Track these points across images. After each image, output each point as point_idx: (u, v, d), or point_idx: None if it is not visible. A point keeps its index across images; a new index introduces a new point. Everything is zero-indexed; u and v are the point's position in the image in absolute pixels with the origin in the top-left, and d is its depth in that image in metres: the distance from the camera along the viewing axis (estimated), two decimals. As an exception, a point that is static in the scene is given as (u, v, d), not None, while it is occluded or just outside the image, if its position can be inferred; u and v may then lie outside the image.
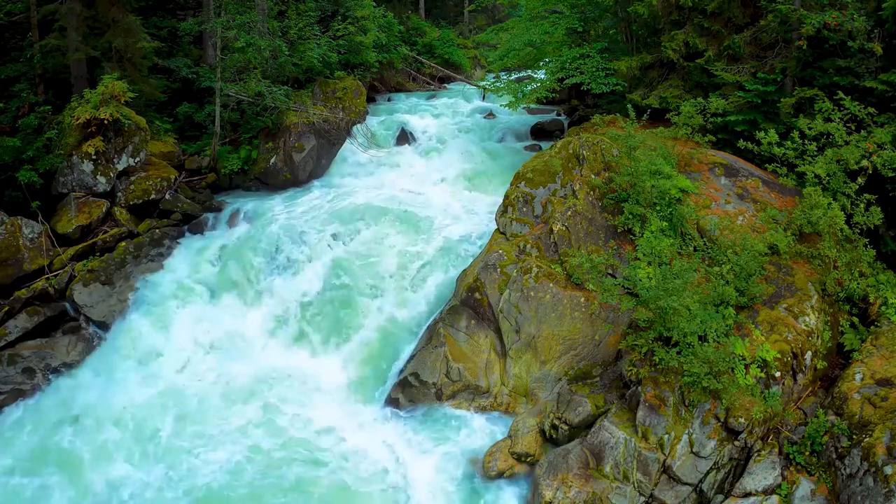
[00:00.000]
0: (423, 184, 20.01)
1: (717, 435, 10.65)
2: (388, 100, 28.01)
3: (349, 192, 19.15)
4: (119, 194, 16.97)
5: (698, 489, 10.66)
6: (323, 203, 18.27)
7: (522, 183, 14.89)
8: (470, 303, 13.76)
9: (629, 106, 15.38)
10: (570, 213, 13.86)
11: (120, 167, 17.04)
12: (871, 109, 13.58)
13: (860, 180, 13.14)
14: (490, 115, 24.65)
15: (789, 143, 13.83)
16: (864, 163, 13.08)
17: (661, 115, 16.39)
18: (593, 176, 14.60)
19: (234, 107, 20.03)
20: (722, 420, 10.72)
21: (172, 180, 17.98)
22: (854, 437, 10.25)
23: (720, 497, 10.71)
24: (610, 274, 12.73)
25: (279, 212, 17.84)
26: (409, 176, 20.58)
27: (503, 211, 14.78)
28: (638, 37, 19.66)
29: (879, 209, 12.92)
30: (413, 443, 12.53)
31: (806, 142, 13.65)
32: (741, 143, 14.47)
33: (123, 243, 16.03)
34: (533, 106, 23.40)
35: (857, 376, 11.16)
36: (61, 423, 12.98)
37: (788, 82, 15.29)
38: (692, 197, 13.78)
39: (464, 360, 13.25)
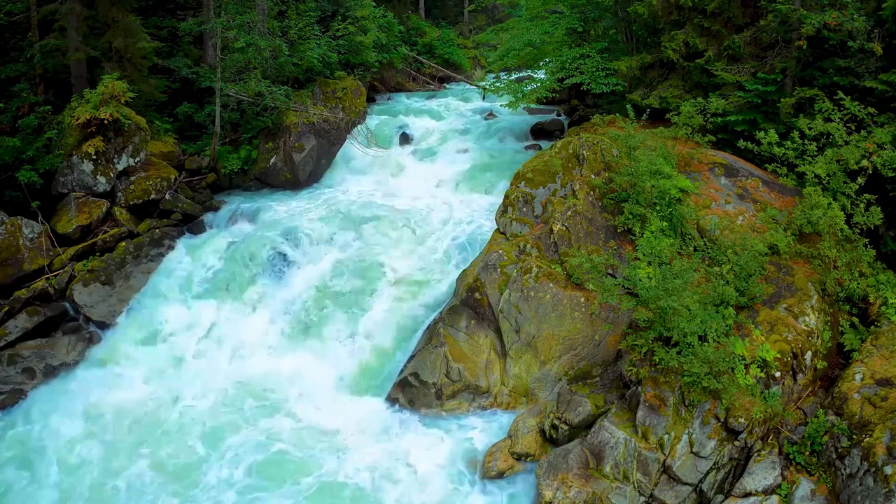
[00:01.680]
0: (423, 184, 20.00)
1: (717, 435, 10.65)
2: (388, 100, 28.02)
3: (349, 192, 19.16)
4: (119, 194, 16.98)
5: (698, 489, 10.66)
6: (323, 203, 18.27)
7: (522, 183, 14.89)
8: (470, 303, 13.76)
9: (629, 106, 15.38)
10: (570, 213, 13.87)
11: (120, 167, 17.05)
12: (871, 109, 13.58)
13: (860, 180, 13.14)
14: (490, 115, 24.65)
15: (789, 143, 13.83)
16: (864, 163, 13.08)
17: (661, 115, 16.38)
18: (593, 176, 14.60)
19: (234, 107, 20.03)
20: (722, 420, 10.72)
21: (172, 180, 17.98)
22: (854, 437, 10.25)
23: (720, 497, 10.70)
24: (610, 274, 12.73)
25: (279, 212, 17.84)
26: (408, 176, 20.58)
27: (503, 211, 14.78)
28: (638, 37, 19.66)
29: (879, 209, 12.91)
30: (412, 443, 12.52)
31: (806, 142, 13.65)
32: (741, 143, 14.47)
33: (123, 243, 16.03)
34: (533, 106, 23.38)
35: (857, 376, 11.16)
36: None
37: (788, 82, 15.29)
38: (692, 197, 13.78)
39: (464, 360, 13.25)
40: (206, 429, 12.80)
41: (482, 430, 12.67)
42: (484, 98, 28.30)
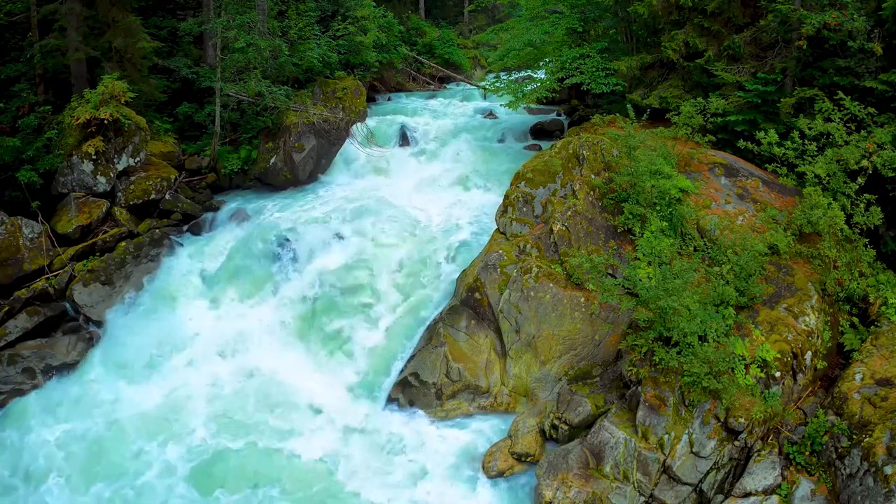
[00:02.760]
0: (423, 183, 19.99)
1: (717, 435, 10.66)
2: (388, 100, 28.01)
3: (349, 191, 19.16)
4: (119, 194, 16.98)
5: (698, 489, 10.66)
6: (323, 203, 18.27)
7: (522, 183, 14.90)
8: (470, 303, 13.76)
9: (629, 106, 15.37)
10: (570, 213, 13.87)
11: (120, 167, 17.04)
12: (871, 109, 13.58)
13: (860, 180, 13.14)
14: (490, 115, 24.64)
15: (789, 143, 13.83)
16: (864, 163, 13.09)
17: (661, 115, 16.38)
18: (593, 176, 14.60)
19: (234, 107, 20.03)
20: (722, 420, 10.72)
21: (172, 180, 17.98)
22: (854, 437, 10.25)
23: (720, 497, 10.71)
24: (610, 274, 12.73)
25: (279, 212, 17.83)
26: (408, 176, 20.56)
27: (503, 211, 14.78)
28: (638, 37, 19.65)
29: (879, 209, 12.91)
30: (412, 443, 12.53)
31: (806, 142, 13.65)
32: (741, 143, 14.47)
33: (123, 243, 16.02)
34: (533, 106, 23.38)
35: (857, 376, 11.16)
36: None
37: (788, 82, 15.30)
38: (692, 197, 13.78)
39: (464, 360, 13.25)
40: (195, 467, 12.05)
41: (482, 430, 12.67)
42: (484, 98, 28.29)
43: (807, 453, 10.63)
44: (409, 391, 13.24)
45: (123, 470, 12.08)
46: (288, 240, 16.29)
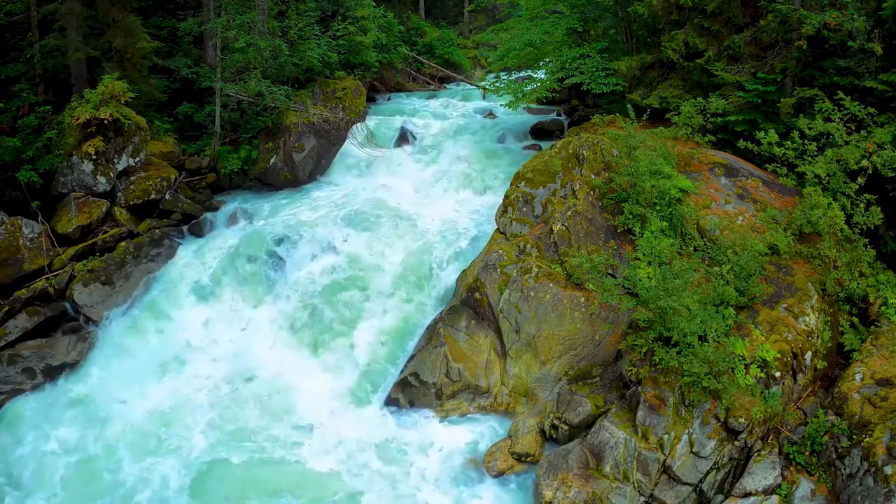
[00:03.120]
0: (423, 184, 20.00)
1: (717, 435, 10.66)
2: (388, 100, 28.01)
3: (349, 192, 19.15)
4: (119, 194, 16.97)
5: (698, 489, 10.66)
6: (322, 204, 18.26)
7: (522, 183, 14.90)
8: (470, 303, 13.76)
9: (629, 106, 15.38)
10: (570, 213, 13.87)
11: (120, 167, 17.04)
12: (871, 109, 13.59)
13: (860, 180, 13.15)
14: (490, 115, 24.63)
15: (789, 143, 13.84)
16: (864, 163, 13.09)
17: (661, 115, 16.39)
18: (593, 176, 14.60)
19: (234, 107, 20.02)
20: (722, 420, 10.72)
21: (172, 180, 17.98)
22: (854, 437, 10.26)
23: (720, 497, 10.71)
24: (610, 274, 12.74)
25: (278, 212, 17.82)
26: (408, 176, 20.57)
27: (503, 211, 14.78)
28: (638, 37, 19.66)
29: (879, 209, 12.92)
30: (413, 443, 12.54)
31: (806, 142, 13.66)
32: (741, 143, 14.48)
33: (123, 243, 16.01)
34: (533, 106, 23.37)
35: (857, 376, 11.17)
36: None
37: (788, 82, 15.30)
38: (692, 197, 13.79)
39: (464, 360, 13.25)
40: (196, 478, 11.70)
41: (482, 431, 12.68)
42: (484, 98, 28.29)
43: (807, 453, 10.63)
44: (409, 391, 13.24)
45: (120, 481, 11.83)
46: (287, 240, 16.22)
